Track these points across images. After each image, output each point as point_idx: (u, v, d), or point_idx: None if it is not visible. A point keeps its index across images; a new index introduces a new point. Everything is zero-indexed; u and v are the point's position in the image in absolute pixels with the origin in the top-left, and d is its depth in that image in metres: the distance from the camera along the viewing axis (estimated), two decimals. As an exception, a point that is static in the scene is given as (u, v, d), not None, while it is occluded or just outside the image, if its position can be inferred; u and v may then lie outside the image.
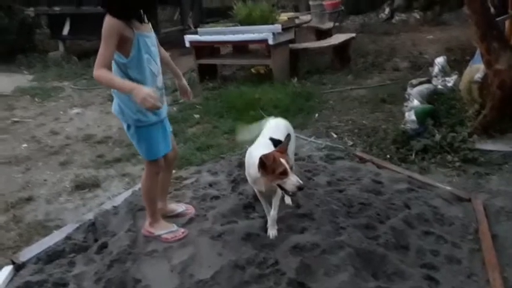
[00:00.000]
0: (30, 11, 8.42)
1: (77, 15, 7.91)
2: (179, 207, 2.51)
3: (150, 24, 2.06)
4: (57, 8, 7.99)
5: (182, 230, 2.31)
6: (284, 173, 1.89)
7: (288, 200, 2.37)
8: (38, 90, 6.21)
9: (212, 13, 9.92)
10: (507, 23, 4.18)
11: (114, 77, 1.92)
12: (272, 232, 2.18)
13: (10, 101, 5.79)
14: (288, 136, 2.10)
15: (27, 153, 4.01)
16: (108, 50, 1.90)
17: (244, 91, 4.91)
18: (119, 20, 1.90)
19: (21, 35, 8.45)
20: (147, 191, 2.26)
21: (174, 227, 2.32)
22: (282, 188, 1.96)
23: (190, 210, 2.49)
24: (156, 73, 2.03)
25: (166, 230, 2.30)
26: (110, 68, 1.92)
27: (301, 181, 1.91)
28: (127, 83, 1.89)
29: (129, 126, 2.13)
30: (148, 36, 2.01)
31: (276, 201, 2.16)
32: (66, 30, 8.12)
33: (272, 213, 2.17)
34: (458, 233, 2.22)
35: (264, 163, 1.92)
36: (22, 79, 7.01)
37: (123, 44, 1.93)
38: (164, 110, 2.14)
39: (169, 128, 2.26)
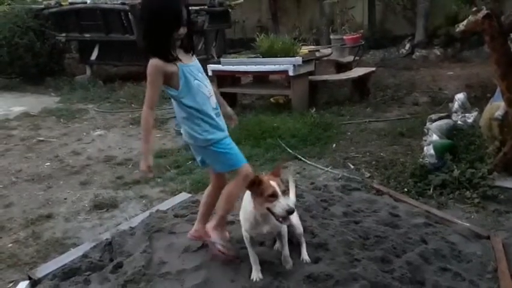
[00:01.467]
0: (62, 37, 8.83)
1: (105, 42, 8.27)
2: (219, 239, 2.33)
3: (191, 54, 2.16)
4: (87, 35, 8.36)
5: (233, 252, 2.26)
6: (273, 195, 1.84)
7: (305, 256, 2.21)
8: (63, 111, 6.44)
9: (235, 44, 10.21)
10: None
11: (149, 127, 2.08)
12: (288, 266, 2.11)
13: (37, 121, 6.01)
14: (284, 159, 2.12)
15: (50, 172, 4.12)
16: (154, 90, 2.05)
17: (262, 120, 4.98)
18: (159, 59, 2.01)
19: (51, 59, 8.85)
20: (232, 198, 2.26)
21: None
22: (271, 213, 1.90)
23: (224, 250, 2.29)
24: (208, 95, 2.13)
25: (222, 240, 2.27)
26: (153, 108, 2.09)
27: (292, 205, 1.86)
28: (145, 144, 2.08)
29: (202, 150, 2.19)
30: (191, 65, 2.11)
31: (283, 239, 2.10)
32: (94, 56, 8.47)
33: (284, 253, 2.10)
34: (476, 270, 2.16)
35: (253, 184, 1.91)
36: (49, 100, 7.29)
37: (170, 80, 2.05)
38: (224, 126, 2.21)
39: None
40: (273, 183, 1.87)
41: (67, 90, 7.85)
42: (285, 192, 1.91)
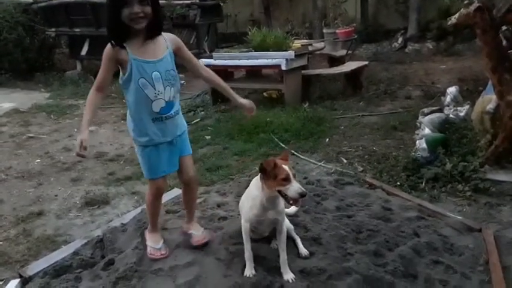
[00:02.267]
0: (52, 32, 8.72)
1: (96, 36, 8.18)
2: (195, 230, 2.40)
3: (163, 49, 2.06)
4: (77, 30, 8.26)
5: (163, 251, 2.28)
6: (286, 179, 1.88)
7: (302, 250, 2.23)
8: (54, 107, 6.37)
9: (227, 39, 10.17)
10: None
11: (91, 106, 2.06)
12: (289, 277, 2.05)
13: (27, 117, 5.94)
14: (289, 148, 2.13)
15: (40, 169, 4.08)
16: (101, 73, 2.05)
17: (255, 114, 4.94)
18: (115, 43, 1.98)
19: (41, 54, 8.75)
20: (148, 205, 2.34)
21: (159, 245, 2.31)
22: (283, 196, 1.92)
23: (200, 239, 2.34)
24: (152, 98, 2.03)
25: (152, 243, 2.32)
26: (102, 90, 2.07)
27: (303, 188, 1.89)
28: (84, 121, 2.02)
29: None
30: (148, 61, 2.00)
31: (282, 243, 2.08)
32: (84, 51, 8.38)
33: (282, 258, 2.08)
34: (468, 263, 2.17)
35: (265, 168, 1.92)
36: (39, 96, 7.20)
37: (122, 67, 2.03)
38: (168, 134, 2.14)
39: (185, 150, 2.26)
40: (285, 167, 1.90)
41: (57, 86, 7.77)
42: (295, 175, 1.93)
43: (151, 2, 1.96)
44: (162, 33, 2.08)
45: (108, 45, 2.00)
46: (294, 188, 1.87)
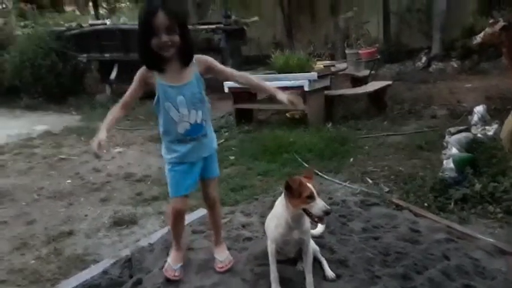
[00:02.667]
0: (83, 57, 9.10)
1: (124, 61, 8.49)
2: (219, 256, 2.40)
3: (190, 73, 2.13)
4: (107, 55, 8.61)
5: (177, 273, 2.28)
6: (311, 197, 1.89)
7: (328, 272, 2.21)
8: (84, 129, 6.58)
9: (250, 61, 10.33)
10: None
11: (110, 116, 2.19)
12: None
13: (58, 139, 6.16)
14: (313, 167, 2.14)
15: (71, 189, 4.20)
16: (130, 91, 2.17)
17: (278, 135, 5.00)
18: (147, 68, 2.11)
19: (73, 78, 9.12)
20: (170, 224, 2.39)
21: (177, 266, 2.32)
22: (308, 214, 1.93)
23: (223, 265, 2.34)
24: (176, 120, 2.12)
25: (171, 262, 2.33)
26: (125, 107, 2.20)
27: (328, 206, 1.89)
28: (102, 125, 2.14)
29: None
30: (172, 86, 2.09)
31: (308, 264, 2.07)
32: (113, 75, 8.69)
33: (308, 280, 2.06)
34: (501, 287, 2.10)
35: (290, 186, 1.93)
36: (70, 119, 7.48)
37: (154, 89, 2.13)
38: (192, 155, 2.19)
39: (210, 172, 2.30)
40: (309, 185, 1.91)
41: (88, 109, 8.04)
42: (320, 194, 1.94)
43: (180, 30, 2.04)
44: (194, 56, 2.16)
45: (143, 67, 2.13)
46: (319, 205, 1.88)
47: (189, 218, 3.11)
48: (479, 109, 4.17)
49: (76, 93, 9.06)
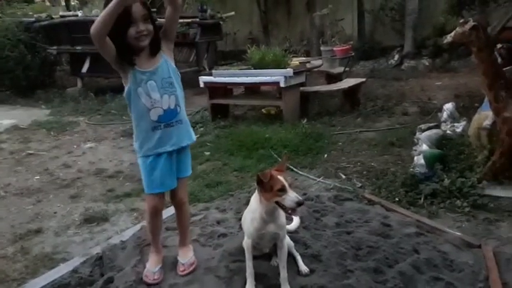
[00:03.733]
0: (53, 50, 8.81)
1: (97, 54, 8.23)
2: (182, 258, 2.35)
3: (159, 57, 2.11)
4: (78, 47, 8.35)
5: (157, 276, 2.24)
6: (282, 190, 1.89)
7: (302, 267, 2.23)
8: (54, 124, 6.39)
9: (226, 56, 10.28)
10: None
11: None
12: None
13: (26, 134, 5.95)
14: (285, 156, 2.13)
15: (39, 185, 4.07)
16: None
17: (254, 130, 5.00)
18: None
19: (42, 71, 8.81)
20: (146, 223, 2.35)
21: (156, 268, 2.27)
22: (281, 206, 1.94)
23: (184, 268, 2.29)
24: (148, 107, 2.07)
25: (150, 265, 2.30)
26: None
27: (300, 197, 1.90)
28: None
29: None
30: (143, 71, 2.06)
31: (282, 260, 2.08)
32: (85, 68, 8.45)
33: (282, 275, 2.07)
34: (468, 280, 2.17)
35: (261, 181, 1.93)
36: (40, 113, 7.23)
37: (125, 77, 2.08)
38: (168, 142, 2.13)
39: (183, 171, 2.24)
40: (280, 177, 1.91)
41: (58, 103, 7.80)
42: (291, 185, 1.94)
43: (151, 20, 2.02)
44: None
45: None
46: (291, 197, 1.89)
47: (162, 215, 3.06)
48: (448, 106, 4.30)
49: (45, 86, 8.78)
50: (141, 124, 2.13)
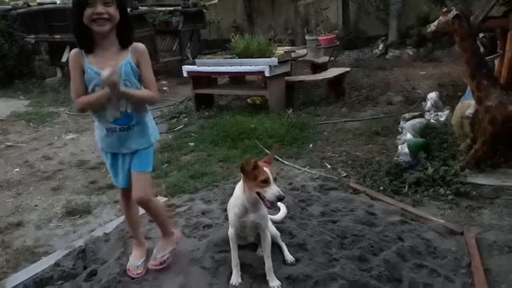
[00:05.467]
0: (31, 38, 8.56)
1: (77, 43, 8.05)
2: (157, 251, 2.28)
3: (120, 59, 1.96)
4: (57, 36, 8.13)
5: (140, 270, 2.20)
6: (265, 181, 1.88)
7: (288, 256, 2.23)
8: (33, 115, 6.24)
9: (210, 45, 10.15)
10: (497, 61, 4.32)
11: (86, 99, 1.97)
12: (275, 284, 2.04)
13: (5, 126, 5.80)
14: (275, 148, 2.08)
15: (19, 178, 3.98)
16: (74, 80, 1.96)
17: (239, 120, 4.96)
18: (77, 49, 1.95)
19: (20, 61, 8.57)
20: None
21: (138, 262, 2.24)
22: (261, 197, 1.92)
23: (155, 263, 2.22)
24: (105, 108, 1.99)
25: (132, 259, 2.27)
26: (80, 95, 1.97)
27: (281, 192, 1.89)
28: (97, 96, 1.94)
29: None
30: (99, 72, 1.90)
31: (266, 250, 2.06)
32: (65, 57, 8.23)
33: (267, 265, 2.06)
34: (451, 266, 2.20)
35: (245, 169, 1.92)
36: (18, 104, 7.05)
37: (85, 74, 1.97)
38: (122, 146, 2.07)
39: (135, 165, 2.10)
40: (266, 169, 1.90)
41: (37, 93, 7.62)
42: (276, 179, 1.93)
43: (118, 5, 1.90)
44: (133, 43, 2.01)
45: (73, 51, 1.95)
46: (273, 190, 1.88)
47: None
48: (432, 96, 4.34)
49: (24, 76, 8.55)
50: (97, 123, 2.09)
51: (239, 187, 2.08)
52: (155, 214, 2.25)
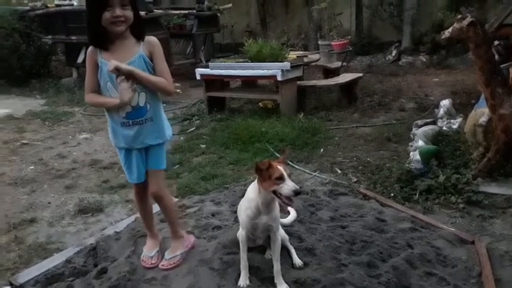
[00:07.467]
0: (48, 39, 8.72)
1: (93, 44, 8.17)
2: (168, 253, 2.33)
3: (134, 52, 2.03)
4: (74, 37, 8.27)
5: (154, 260, 2.27)
6: (280, 178, 1.89)
7: (296, 260, 2.23)
8: (48, 114, 6.35)
9: (223, 49, 10.22)
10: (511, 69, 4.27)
11: (99, 99, 2.09)
12: (283, 287, 2.05)
13: (21, 124, 5.91)
14: (286, 151, 2.25)
15: (34, 175, 4.05)
16: (89, 75, 2.07)
17: (251, 124, 4.98)
18: (92, 46, 2.04)
19: (37, 61, 8.73)
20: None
21: (152, 253, 2.31)
22: (277, 195, 1.93)
23: (165, 264, 2.26)
24: None
25: (146, 250, 2.33)
26: (96, 92, 2.09)
27: (298, 186, 1.91)
28: (109, 100, 2.05)
29: None
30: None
31: (276, 252, 2.08)
32: (81, 58, 8.37)
33: (276, 268, 2.07)
34: (461, 275, 2.18)
35: (261, 168, 1.94)
36: (34, 103, 7.18)
37: (99, 70, 2.05)
38: (136, 140, 2.11)
39: (152, 163, 2.18)
40: (280, 167, 1.92)
41: (53, 93, 7.75)
42: (290, 176, 1.94)
43: (133, 6, 1.98)
44: (146, 37, 2.09)
45: (90, 48, 2.04)
46: (289, 186, 1.89)
47: (156, 206, 3.06)
48: (445, 103, 4.30)
49: (40, 76, 8.71)
50: (110, 118, 2.14)
51: (252, 189, 2.09)
52: (168, 211, 2.35)
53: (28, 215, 3.22)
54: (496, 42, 5.50)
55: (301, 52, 7.19)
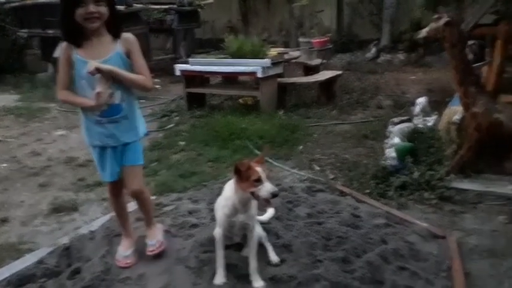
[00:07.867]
0: (23, 33, 8.48)
1: (70, 38, 7.99)
2: (150, 239, 2.35)
3: (110, 50, 2.01)
4: (50, 31, 8.07)
5: (129, 260, 2.26)
6: (258, 180, 1.90)
7: (273, 257, 2.25)
8: (23, 110, 6.19)
9: (204, 44, 10.14)
10: (484, 69, 4.39)
11: (71, 98, 2.07)
12: (259, 284, 2.06)
13: (-6, 120, 5.75)
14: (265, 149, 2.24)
15: (6, 173, 3.95)
16: (62, 72, 2.05)
17: (231, 120, 4.97)
18: (66, 42, 2.01)
19: (11, 55, 8.49)
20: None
21: (127, 252, 2.29)
22: (256, 197, 1.94)
23: (154, 249, 2.30)
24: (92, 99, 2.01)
25: (121, 250, 2.31)
26: (69, 89, 2.07)
27: (276, 188, 1.91)
28: (81, 100, 2.05)
29: None
30: (87, 62, 1.95)
31: (252, 250, 2.09)
32: (57, 53, 8.17)
33: (252, 265, 2.08)
34: (432, 269, 2.23)
35: (239, 170, 1.94)
36: (8, 99, 6.98)
37: (72, 66, 2.03)
38: (111, 138, 2.10)
39: (127, 160, 2.16)
40: (258, 168, 1.92)
41: (28, 88, 7.55)
42: (269, 176, 1.95)
43: (107, 3, 1.96)
44: (123, 34, 2.06)
45: (64, 44, 2.00)
46: (267, 188, 1.90)
47: (133, 205, 3.02)
48: (421, 101, 4.38)
49: (15, 71, 8.48)
50: (85, 115, 2.11)
51: (229, 187, 2.09)
52: (146, 205, 2.36)
53: (0, 214, 3.14)
54: (471, 42, 5.63)
55: (282, 49, 7.21)
